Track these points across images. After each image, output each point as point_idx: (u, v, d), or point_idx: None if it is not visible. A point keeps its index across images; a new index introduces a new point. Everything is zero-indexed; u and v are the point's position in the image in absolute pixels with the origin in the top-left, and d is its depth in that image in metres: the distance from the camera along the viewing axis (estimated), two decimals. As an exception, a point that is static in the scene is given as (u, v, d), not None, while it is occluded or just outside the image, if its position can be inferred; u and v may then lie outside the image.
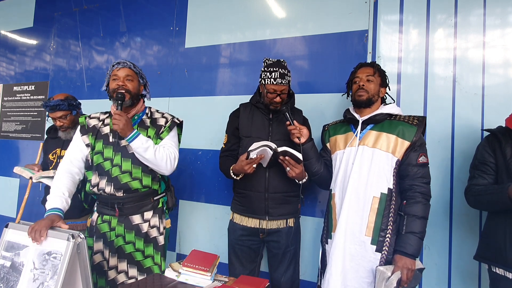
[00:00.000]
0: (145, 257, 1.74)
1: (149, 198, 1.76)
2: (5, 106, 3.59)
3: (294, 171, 1.67)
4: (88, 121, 1.78)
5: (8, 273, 1.33)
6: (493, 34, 1.86)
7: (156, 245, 1.75)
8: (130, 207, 1.72)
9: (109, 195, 1.69)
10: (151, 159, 1.65)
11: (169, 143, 1.75)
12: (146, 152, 1.63)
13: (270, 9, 2.42)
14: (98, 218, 1.75)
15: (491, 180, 1.49)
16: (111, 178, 1.68)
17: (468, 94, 1.89)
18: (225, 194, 2.44)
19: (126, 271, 1.72)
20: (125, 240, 1.72)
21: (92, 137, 1.73)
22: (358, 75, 1.69)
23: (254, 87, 2.04)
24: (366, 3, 2.12)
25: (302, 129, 1.70)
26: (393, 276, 1.44)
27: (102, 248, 1.72)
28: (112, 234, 1.72)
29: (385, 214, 1.53)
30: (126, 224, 1.72)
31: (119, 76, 1.70)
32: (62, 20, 3.27)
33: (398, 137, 1.57)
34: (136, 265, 1.72)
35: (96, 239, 1.73)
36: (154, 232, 1.76)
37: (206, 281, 1.40)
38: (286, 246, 1.84)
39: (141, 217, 1.74)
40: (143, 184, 1.71)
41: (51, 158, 2.17)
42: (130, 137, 1.62)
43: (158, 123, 1.78)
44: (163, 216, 1.81)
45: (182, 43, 2.69)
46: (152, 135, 1.74)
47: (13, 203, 3.34)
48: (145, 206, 1.75)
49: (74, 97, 2.20)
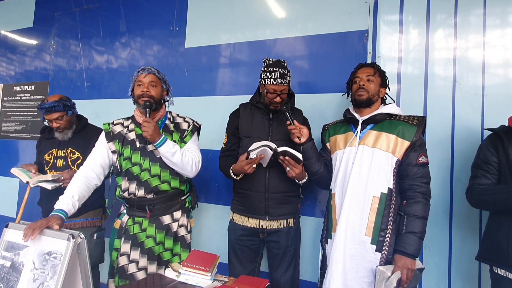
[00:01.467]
0: (173, 255, 1.81)
1: (177, 199, 1.84)
2: (5, 106, 3.59)
3: (294, 171, 1.67)
4: (113, 128, 1.81)
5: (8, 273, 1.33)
6: (493, 34, 1.86)
7: (184, 243, 1.84)
8: (160, 208, 1.77)
9: (139, 198, 1.74)
10: (178, 163, 1.72)
11: (192, 147, 1.83)
12: (174, 157, 1.70)
13: (270, 9, 2.42)
14: (129, 220, 1.78)
15: (494, 180, 1.47)
16: (141, 182, 1.73)
17: (468, 94, 1.89)
18: (225, 194, 2.44)
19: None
20: (155, 241, 1.76)
21: (119, 144, 1.77)
22: (358, 75, 1.69)
23: (254, 87, 2.04)
24: (366, 3, 2.12)
25: (302, 129, 1.70)
26: (393, 276, 1.44)
27: (129, 251, 1.73)
28: (142, 235, 1.75)
29: (385, 214, 1.53)
30: (157, 224, 1.77)
31: (144, 82, 1.75)
32: (62, 20, 3.27)
33: (398, 137, 1.57)
34: (164, 265, 1.76)
35: (124, 240, 1.75)
36: (182, 231, 1.84)
37: (206, 281, 1.40)
38: (286, 246, 1.84)
39: (171, 217, 1.81)
40: (172, 186, 1.78)
41: (47, 159, 2.16)
42: (159, 142, 1.68)
43: (181, 127, 1.85)
44: (189, 215, 1.91)
45: (182, 43, 2.69)
46: (177, 140, 1.80)
47: (13, 203, 3.34)
48: (174, 206, 1.82)
49: (68, 97, 2.20)
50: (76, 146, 2.16)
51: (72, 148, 2.15)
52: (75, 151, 2.14)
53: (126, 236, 1.75)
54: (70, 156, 2.13)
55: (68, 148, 2.14)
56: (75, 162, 2.12)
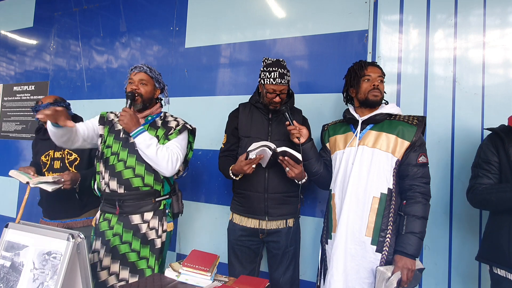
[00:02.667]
0: (140, 258, 1.72)
1: (150, 199, 1.77)
2: (5, 106, 3.59)
3: (293, 171, 1.66)
4: (108, 115, 1.87)
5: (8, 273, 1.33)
6: (493, 34, 1.86)
7: (152, 247, 1.74)
8: (130, 205, 1.73)
9: (111, 192, 1.73)
10: (152, 157, 1.67)
11: (174, 144, 1.76)
12: (148, 149, 1.67)
13: (270, 9, 2.42)
14: (101, 217, 1.78)
15: (496, 180, 1.47)
16: (114, 172, 1.72)
17: (468, 94, 1.89)
18: (225, 194, 2.44)
19: (117, 273, 1.70)
20: (121, 239, 1.72)
21: (106, 129, 1.80)
22: (370, 74, 1.65)
23: (254, 87, 2.04)
24: (366, 3, 2.12)
25: (301, 129, 1.69)
26: (393, 276, 1.44)
27: (99, 248, 1.73)
28: (109, 233, 1.73)
29: (385, 214, 1.53)
30: (125, 223, 1.73)
31: (134, 80, 1.78)
32: (62, 20, 3.27)
33: (398, 137, 1.57)
34: (128, 267, 1.71)
35: (96, 237, 1.75)
36: (152, 234, 1.75)
37: (206, 281, 1.40)
38: (286, 246, 1.84)
39: (141, 217, 1.75)
40: (144, 182, 1.74)
41: (44, 160, 2.15)
42: (135, 132, 1.67)
43: (169, 125, 1.83)
44: (164, 219, 1.80)
45: (182, 43, 2.69)
46: (161, 135, 1.79)
47: (13, 203, 3.34)
48: (145, 206, 1.76)
49: (62, 98, 2.21)
50: None
51: (69, 149, 2.13)
52: (72, 152, 2.13)
53: (97, 233, 1.75)
54: (67, 158, 2.13)
55: (65, 150, 2.13)
56: (72, 164, 2.12)
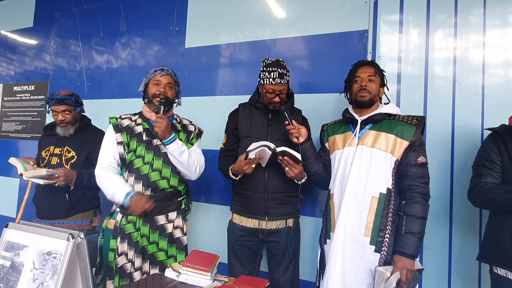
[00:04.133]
0: (168, 257, 1.79)
1: (173, 199, 1.82)
2: (5, 106, 3.59)
3: (293, 171, 1.66)
4: (121, 122, 1.82)
5: (8, 273, 1.33)
6: (493, 34, 1.86)
7: (180, 245, 1.81)
8: (155, 207, 1.74)
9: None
10: (185, 163, 1.75)
11: (198, 150, 1.88)
12: (182, 156, 1.73)
13: (270, 9, 2.42)
14: (123, 219, 1.74)
15: (499, 179, 1.46)
16: (140, 175, 1.73)
17: (468, 94, 1.88)
18: (225, 194, 2.44)
19: (148, 272, 1.74)
20: (149, 240, 1.75)
21: (127, 136, 1.78)
22: (359, 75, 1.66)
23: (254, 87, 2.04)
24: (366, 3, 2.12)
25: (300, 129, 1.69)
26: (392, 276, 1.44)
27: (126, 250, 1.71)
28: (137, 234, 1.73)
29: (384, 214, 1.53)
30: (151, 224, 1.76)
31: (162, 82, 1.78)
32: (62, 20, 3.27)
33: (397, 137, 1.56)
34: (158, 265, 1.75)
35: (121, 240, 1.72)
36: (177, 233, 1.81)
37: (206, 281, 1.40)
38: (286, 246, 1.84)
39: (166, 217, 1.80)
40: (170, 184, 1.78)
41: (44, 155, 2.16)
42: (168, 140, 1.71)
43: (188, 129, 1.91)
44: (184, 217, 1.88)
45: (182, 43, 2.69)
46: (183, 139, 1.83)
47: (13, 203, 3.34)
48: (170, 207, 1.81)
49: (79, 95, 2.22)
50: (73, 144, 2.15)
51: (68, 147, 2.14)
52: (71, 149, 2.13)
53: (122, 235, 1.73)
54: (65, 155, 2.12)
55: (65, 146, 2.13)
56: (69, 161, 2.11)
